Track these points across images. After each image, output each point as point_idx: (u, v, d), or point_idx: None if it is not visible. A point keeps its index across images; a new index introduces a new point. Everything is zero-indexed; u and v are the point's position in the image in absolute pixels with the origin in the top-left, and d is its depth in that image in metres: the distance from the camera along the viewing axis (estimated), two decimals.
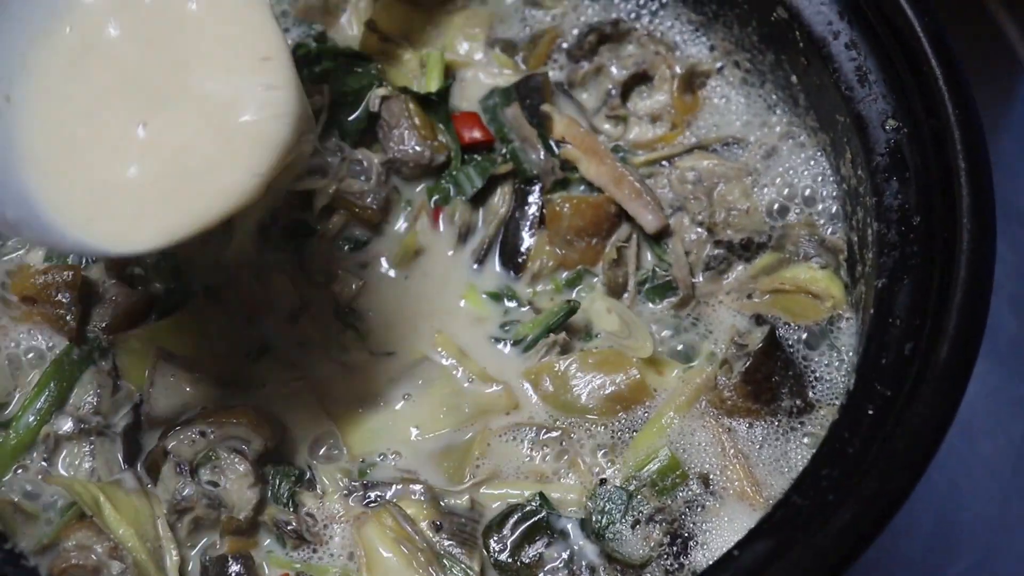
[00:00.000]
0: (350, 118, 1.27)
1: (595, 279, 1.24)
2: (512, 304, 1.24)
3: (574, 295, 1.23)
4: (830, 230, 1.24)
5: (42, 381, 1.17)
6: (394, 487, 1.13)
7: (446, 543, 1.10)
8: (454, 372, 1.20)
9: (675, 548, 1.10)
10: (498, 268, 1.26)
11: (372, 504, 1.13)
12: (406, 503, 1.12)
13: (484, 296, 1.24)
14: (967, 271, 1.04)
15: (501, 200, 1.26)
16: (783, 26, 1.22)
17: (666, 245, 1.24)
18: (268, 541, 1.13)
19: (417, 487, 1.13)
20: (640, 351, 1.19)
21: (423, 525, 1.11)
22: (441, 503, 1.13)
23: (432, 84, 1.28)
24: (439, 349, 1.21)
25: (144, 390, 1.17)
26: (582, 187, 1.27)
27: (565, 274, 1.24)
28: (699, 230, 1.24)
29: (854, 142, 1.16)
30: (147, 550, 1.09)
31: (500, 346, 1.22)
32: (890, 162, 1.12)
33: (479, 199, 1.27)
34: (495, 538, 1.11)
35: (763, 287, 1.22)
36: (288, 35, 1.31)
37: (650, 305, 1.23)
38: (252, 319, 1.22)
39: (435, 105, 1.27)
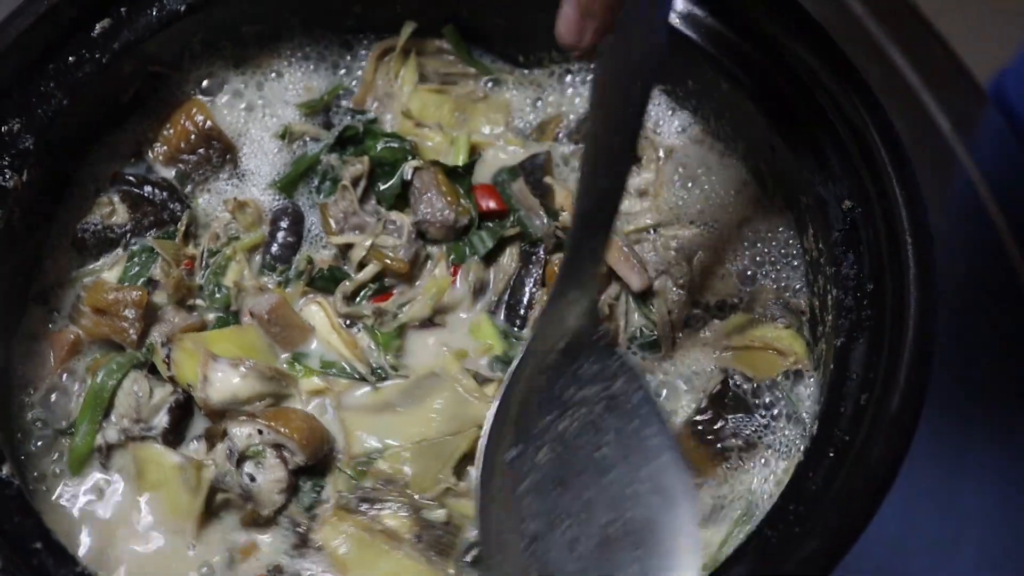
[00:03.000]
0: (386, 186, 1.35)
1: None
2: (514, 342, 1.29)
3: None
4: (794, 295, 1.29)
5: (92, 388, 1.22)
6: (377, 502, 1.18)
7: (427, 553, 1.16)
8: (455, 386, 1.24)
9: None
10: (503, 321, 1.32)
11: (358, 515, 1.18)
12: (388, 517, 1.18)
13: (490, 328, 1.30)
14: (914, 332, 1.11)
15: (510, 260, 1.33)
16: (751, 119, 1.28)
17: (651, 304, 1.31)
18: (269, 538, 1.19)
19: (400, 503, 1.18)
20: None
21: (406, 536, 1.17)
22: (421, 514, 1.18)
23: (459, 159, 1.36)
24: (445, 366, 1.26)
25: (197, 383, 1.22)
26: None
27: None
28: (680, 292, 1.30)
29: (816, 219, 1.22)
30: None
31: (497, 372, 1.28)
32: (847, 237, 1.19)
33: (490, 259, 1.33)
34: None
35: (734, 343, 1.28)
36: (344, 119, 1.40)
37: (639, 357, 1.30)
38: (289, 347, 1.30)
39: (460, 177, 1.35)
